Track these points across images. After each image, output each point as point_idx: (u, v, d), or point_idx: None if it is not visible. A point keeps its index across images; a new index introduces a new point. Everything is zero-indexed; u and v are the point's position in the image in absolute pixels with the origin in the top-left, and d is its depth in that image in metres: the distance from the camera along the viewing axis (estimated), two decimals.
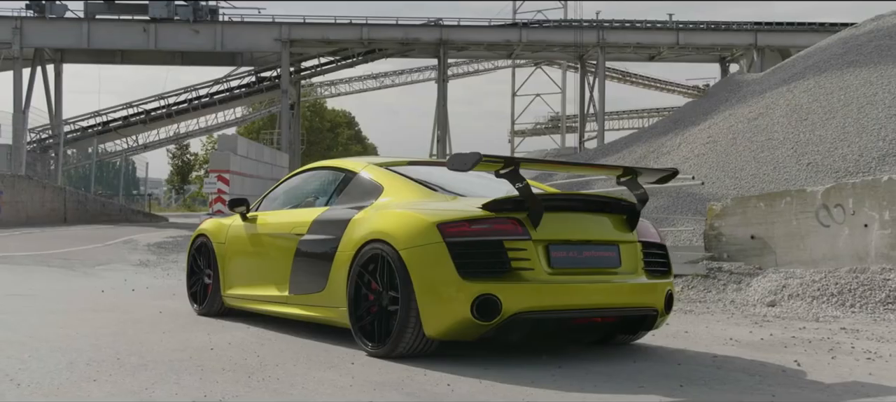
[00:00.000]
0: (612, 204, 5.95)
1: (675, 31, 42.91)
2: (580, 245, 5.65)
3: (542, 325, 5.48)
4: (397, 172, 6.46)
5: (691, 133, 25.55)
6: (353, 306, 5.79)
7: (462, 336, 5.40)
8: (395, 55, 43.38)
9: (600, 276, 5.67)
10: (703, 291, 10.45)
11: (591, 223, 5.80)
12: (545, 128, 66.07)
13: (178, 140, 50.38)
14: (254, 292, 7.09)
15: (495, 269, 5.29)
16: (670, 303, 6.08)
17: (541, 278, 5.36)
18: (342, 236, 6.03)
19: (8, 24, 39.69)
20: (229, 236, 7.55)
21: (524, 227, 5.41)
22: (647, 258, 5.97)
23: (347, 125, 77.78)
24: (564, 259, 5.54)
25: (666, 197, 20.95)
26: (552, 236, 5.50)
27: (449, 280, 5.25)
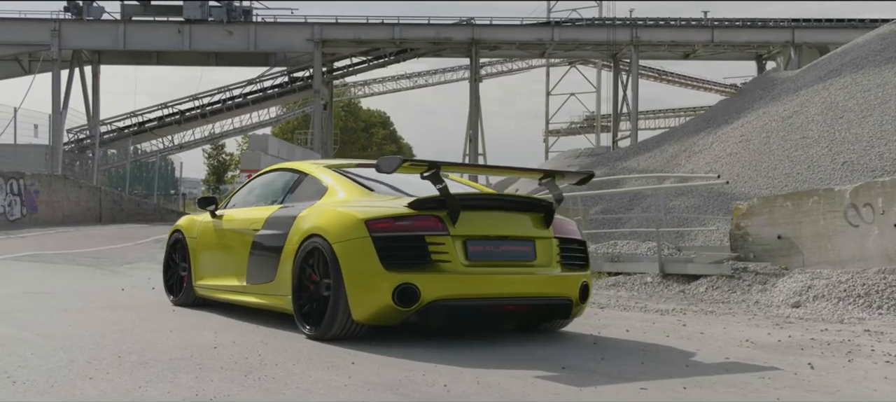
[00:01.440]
0: (529, 203, 6.52)
1: (710, 29, 42.43)
2: (497, 240, 6.18)
3: (458, 312, 5.98)
4: (344, 174, 7.07)
5: (724, 132, 25.24)
6: (296, 294, 6.42)
7: (386, 321, 5.98)
8: (427, 55, 43.36)
9: (515, 268, 6.22)
10: (728, 292, 10.26)
11: (508, 221, 6.34)
12: (580, 127, 65.65)
13: (213, 140, 50.76)
14: (219, 283, 7.74)
15: (416, 261, 5.86)
16: (585, 294, 6.57)
17: (458, 269, 5.92)
18: (289, 231, 6.62)
19: (46, 27, 40.28)
20: (199, 231, 8.20)
21: (444, 223, 5.97)
22: (564, 253, 6.49)
23: (382, 125, 77.90)
24: (481, 253, 6.07)
25: (697, 197, 20.68)
26: (470, 231, 6.05)
27: (373, 271, 5.83)
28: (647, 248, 13.44)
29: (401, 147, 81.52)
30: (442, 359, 5.48)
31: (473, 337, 6.56)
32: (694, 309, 9.06)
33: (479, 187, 7.69)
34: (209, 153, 65.50)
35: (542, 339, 6.57)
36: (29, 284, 10.62)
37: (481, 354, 5.75)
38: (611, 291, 11.18)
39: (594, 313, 8.63)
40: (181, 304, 8.37)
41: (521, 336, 6.75)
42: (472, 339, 6.46)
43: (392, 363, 5.36)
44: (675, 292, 10.67)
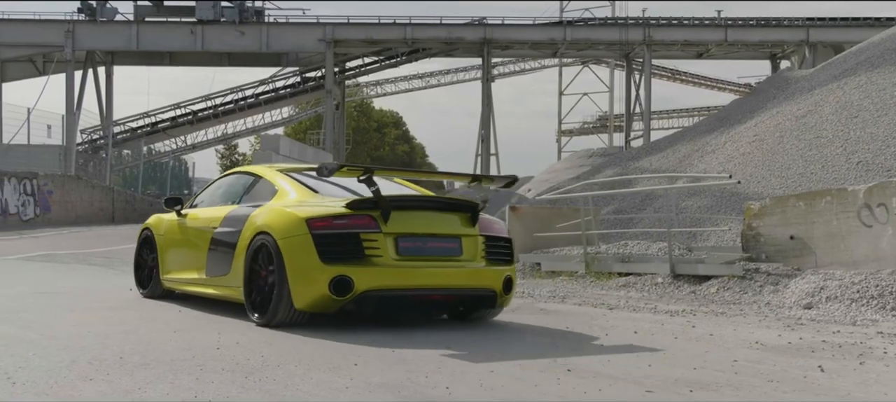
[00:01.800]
0: (456, 204, 7.20)
1: (724, 28, 42.20)
2: (425, 237, 6.82)
3: (389, 301, 6.66)
4: (293, 178, 7.67)
5: (737, 131, 25.06)
6: (247, 285, 7.06)
7: (324, 309, 6.62)
8: (439, 55, 43.31)
9: (442, 262, 6.86)
10: (739, 293, 10.16)
11: (436, 220, 7.00)
12: (593, 127, 65.43)
13: (225, 140, 50.87)
14: (183, 276, 8.37)
15: (351, 255, 6.50)
16: (509, 286, 7.24)
17: (388, 263, 6.56)
18: (242, 228, 7.24)
19: (60, 28, 40.44)
20: (166, 229, 8.85)
21: (377, 222, 6.61)
22: (489, 249, 7.11)
23: (394, 125, 77.87)
24: (410, 248, 6.70)
25: (709, 197, 20.56)
26: (400, 229, 6.68)
27: (312, 264, 6.48)
28: (657, 248, 13.35)
29: (413, 147, 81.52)
30: (446, 360, 5.43)
31: (478, 338, 6.51)
32: (704, 310, 8.97)
33: (420, 190, 8.31)
34: (222, 153, 65.71)
35: (547, 339, 6.51)
36: (38, 284, 10.63)
37: (486, 355, 5.69)
38: (621, 292, 11.09)
39: (603, 314, 8.56)
40: (150, 296, 8.99)
41: (527, 336, 6.69)
42: (477, 339, 6.40)
43: (396, 363, 5.31)
44: (686, 293, 10.58)
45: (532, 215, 15.43)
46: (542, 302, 9.70)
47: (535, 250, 14.46)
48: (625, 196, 21.99)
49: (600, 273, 12.37)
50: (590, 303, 9.60)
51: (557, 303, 9.64)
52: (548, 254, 14.11)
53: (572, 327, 7.41)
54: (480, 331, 6.96)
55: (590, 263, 12.68)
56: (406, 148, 77.19)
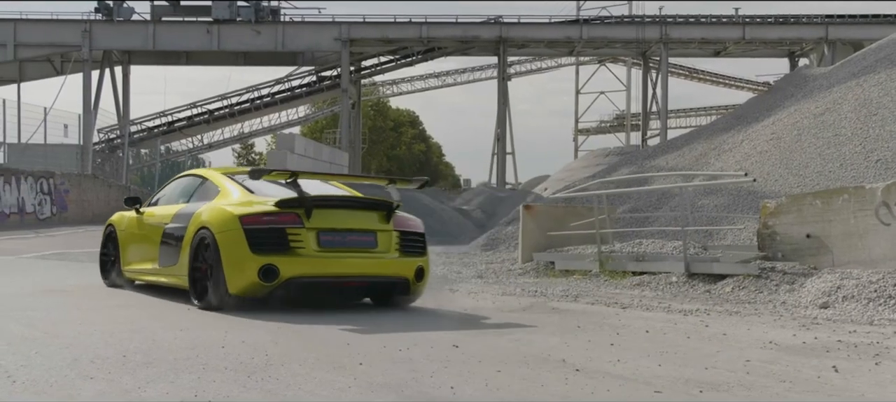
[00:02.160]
0: (373, 203, 8.17)
1: (742, 26, 41.88)
2: (344, 232, 7.77)
3: (311, 287, 7.60)
4: (235, 180, 8.57)
5: (754, 129, 24.85)
6: (190, 273, 7.93)
7: (254, 294, 7.51)
8: (455, 53, 43.20)
9: (359, 253, 7.79)
10: (754, 292, 10.02)
11: (354, 217, 7.96)
12: (610, 126, 65.18)
13: (242, 140, 50.98)
14: (139, 267, 9.27)
15: (277, 247, 7.40)
16: (421, 275, 8.17)
17: (311, 254, 7.48)
18: (188, 224, 8.10)
19: (77, 28, 40.61)
20: (126, 225, 9.75)
21: (300, 219, 7.52)
22: (403, 242, 8.08)
23: (411, 124, 77.76)
24: (330, 241, 7.62)
25: (726, 196, 20.39)
26: (321, 225, 7.62)
27: (244, 255, 7.38)
28: (672, 247, 13.22)
29: (430, 146, 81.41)
30: (454, 360, 5.35)
31: (489, 338, 6.42)
32: (718, 310, 8.85)
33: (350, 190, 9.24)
34: (239, 153, 65.83)
35: (557, 339, 6.41)
36: (49, 281, 10.62)
37: (495, 355, 5.61)
38: (635, 291, 10.96)
39: (615, 313, 8.45)
40: (112, 285, 9.90)
41: (537, 336, 6.60)
42: (487, 339, 6.32)
43: (402, 363, 5.23)
44: (701, 293, 10.45)
45: (546, 214, 15.32)
46: (554, 301, 9.60)
47: (549, 249, 14.36)
48: (640, 195, 21.84)
49: (614, 272, 12.26)
50: (603, 302, 9.49)
51: (570, 302, 9.54)
52: (561, 253, 14.01)
53: (583, 326, 7.31)
54: (491, 331, 6.88)
55: (604, 262, 12.56)
56: (422, 147, 77.08)
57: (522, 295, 10.25)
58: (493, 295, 10.18)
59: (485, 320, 7.59)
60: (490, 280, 12.61)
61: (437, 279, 12.29)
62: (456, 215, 32.29)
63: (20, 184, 26.19)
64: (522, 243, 14.87)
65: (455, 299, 9.68)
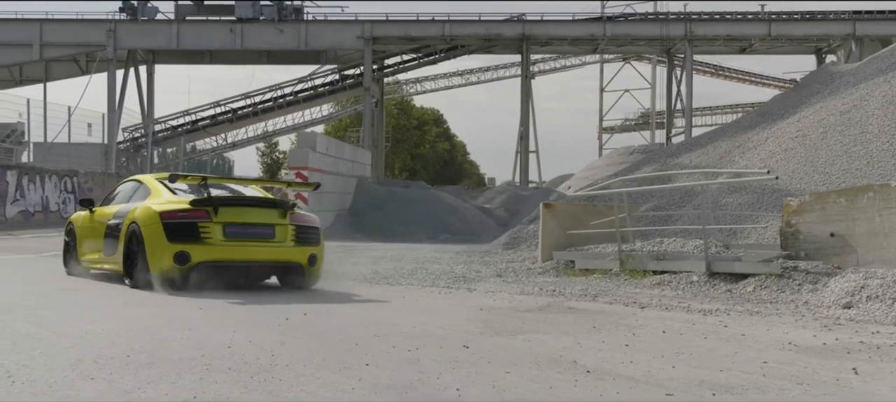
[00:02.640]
0: (273, 202, 10.05)
1: (767, 23, 41.39)
2: (246, 225, 9.40)
3: (218, 270, 9.14)
4: (164, 184, 10.17)
5: (779, 127, 24.54)
6: (124, 260, 9.66)
7: (171, 274, 9.03)
8: (478, 52, 43.02)
9: (258, 243, 9.42)
10: (776, 291, 9.84)
11: (256, 213, 9.62)
12: (634, 124, 64.73)
13: (266, 138, 51.07)
14: (91, 257, 10.88)
15: (189, 237, 9.06)
16: (314, 261, 9.72)
17: (217, 243, 9.12)
18: (124, 220, 9.79)
19: (102, 28, 40.82)
20: (82, 222, 11.38)
21: (209, 214, 9.16)
22: (298, 234, 9.65)
23: (435, 123, 77.65)
24: (235, 233, 9.26)
25: (751, 194, 20.14)
26: (227, 219, 9.23)
27: (162, 244, 9.04)
28: (693, 246, 13.04)
29: (454, 145, 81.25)
30: (463, 361, 5.24)
31: (502, 339, 6.31)
32: (739, 310, 8.68)
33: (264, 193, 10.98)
34: (263, 151, 66.01)
35: (570, 339, 6.29)
36: (66, 281, 10.63)
37: (505, 355, 5.50)
38: (655, 290, 10.80)
39: (633, 313, 8.31)
40: (71, 273, 11.38)
41: (550, 336, 6.47)
42: (497, 340, 6.21)
43: (409, 364, 5.14)
44: (722, 292, 10.27)
45: (566, 213, 15.17)
46: (572, 301, 9.47)
47: (570, 248, 14.20)
48: (664, 193, 21.63)
49: (635, 271, 12.09)
50: (621, 302, 9.35)
51: (588, 301, 9.40)
52: (581, 252, 13.85)
53: (599, 326, 7.18)
54: (503, 331, 6.76)
55: (624, 260, 12.40)
56: (447, 146, 76.93)
57: (540, 294, 10.12)
58: (511, 294, 10.06)
59: (498, 320, 7.47)
60: (509, 279, 12.49)
61: (454, 278, 12.20)
62: (478, 213, 32.17)
63: (44, 183, 26.37)
64: (542, 242, 14.74)
65: (471, 298, 9.57)
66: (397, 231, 27.08)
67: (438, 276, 12.60)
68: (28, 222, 24.64)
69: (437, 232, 27.53)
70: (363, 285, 11.17)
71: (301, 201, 25.47)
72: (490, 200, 37.37)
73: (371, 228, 28.16)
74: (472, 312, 8.10)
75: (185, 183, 9.97)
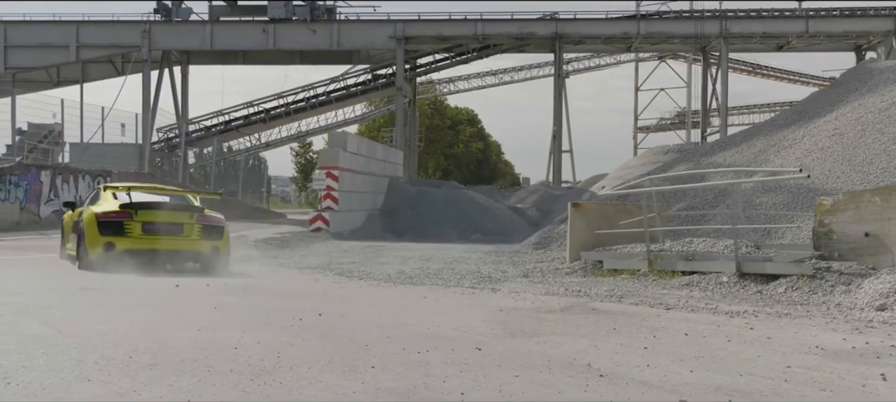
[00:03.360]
0: (184, 206, 12.77)
1: (805, 19, 40.67)
2: (161, 224, 11.90)
3: (136, 256, 11.70)
4: (109, 190, 13.07)
5: (816, 125, 24.06)
6: (77, 248, 12.40)
7: (103, 258, 11.70)
8: (510, 51, 42.75)
9: (170, 237, 11.91)
10: (808, 293, 9.56)
11: (169, 215, 12.11)
12: (670, 124, 64.04)
13: (299, 138, 51.18)
14: (67, 247, 13.64)
15: (116, 232, 11.76)
16: (216, 251, 12.23)
17: (137, 236, 11.81)
18: (80, 218, 12.45)
19: (137, 29, 41.15)
20: (66, 220, 14.12)
21: (131, 215, 11.84)
22: (204, 231, 12.18)
23: (469, 123, 77.46)
24: (151, 228, 11.86)
25: (785, 193, 19.75)
26: (145, 219, 11.87)
27: (96, 236, 11.74)
28: (723, 246, 12.75)
29: (488, 145, 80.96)
30: (473, 364, 5.08)
31: (517, 337, 6.14)
32: (768, 312, 8.42)
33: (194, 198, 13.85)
34: (297, 151, 66.21)
35: (587, 341, 6.10)
36: (88, 280, 10.60)
37: (517, 358, 5.33)
38: (683, 291, 10.55)
39: (657, 315, 8.09)
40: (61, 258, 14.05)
41: (566, 339, 6.29)
42: (514, 339, 6.04)
43: (417, 367, 4.99)
44: (752, 293, 10.01)
45: (595, 212, 14.93)
46: (596, 301, 9.27)
47: (598, 248, 13.97)
48: (697, 192, 21.28)
49: (663, 272, 11.85)
50: (647, 303, 9.13)
51: (613, 302, 9.19)
52: (610, 252, 13.62)
53: (620, 328, 6.99)
54: (519, 333, 6.58)
55: (652, 261, 12.16)
56: (480, 146, 76.66)
57: (565, 295, 9.93)
58: (534, 295, 9.88)
59: (517, 321, 7.30)
60: (535, 279, 12.30)
61: (480, 279, 12.04)
62: (510, 213, 31.95)
63: (78, 182, 26.56)
64: (570, 242, 14.52)
65: (493, 299, 9.41)
66: (429, 231, 26.96)
67: (464, 276, 12.45)
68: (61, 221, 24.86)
69: (469, 232, 27.37)
70: (386, 285, 11.06)
71: (331, 200, 25.46)
72: (522, 199, 37.13)
73: (403, 228, 28.06)
74: (491, 313, 7.94)
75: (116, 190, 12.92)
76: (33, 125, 38.07)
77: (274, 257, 16.61)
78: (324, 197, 25.50)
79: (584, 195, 29.71)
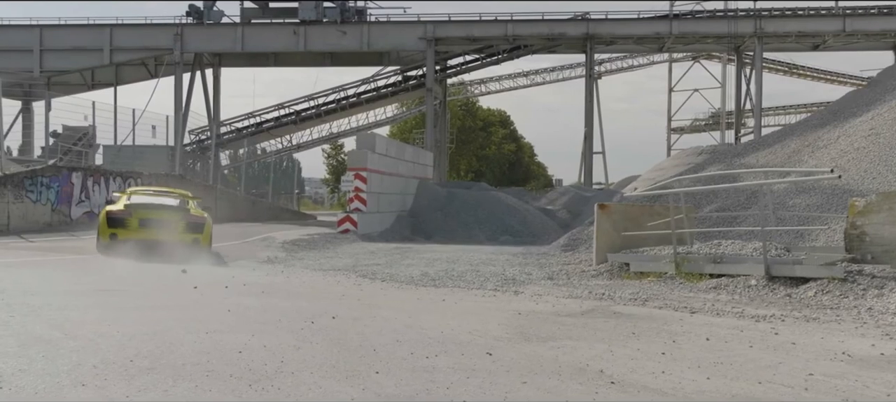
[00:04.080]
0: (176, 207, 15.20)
1: (842, 18, 39.99)
2: (155, 220, 14.36)
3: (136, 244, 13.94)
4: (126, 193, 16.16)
5: (852, 125, 23.60)
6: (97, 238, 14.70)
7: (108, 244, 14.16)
8: (541, 52, 42.48)
9: (163, 229, 14.15)
10: (839, 296, 9.29)
11: (161, 212, 14.66)
12: (704, 124, 63.38)
13: (329, 140, 51.21)
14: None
15: (119, 225, 14.30)
16: (196, 242, 14.55)
17: (134, 229, 14.25)
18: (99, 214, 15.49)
19: (170, 32, 41.45)
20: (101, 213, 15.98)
21: (132, 213, 14.35)
22: (187, 225, 14.59)
23: (501, 124, 77.18)
24: (146, 223, 14.26)
25: (819, 194, 19.35)
26: (142, 216, 14.34)
27: (105, 228, 14.32)
28: (752, 248, 12.47)
29: (521, 146, 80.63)
30: (480, 369, 4.92)
31: (531, 341, 5.97)
32: (796, 316, 8.17)
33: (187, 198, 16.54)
34: (328, 153, 66.25)
35: (603, 346, 5.91)
36: (108, 281, 10.56)
37: (527, 363, 5.15)
38: (709, 294, 10.30)
39: (680, 319, 7.88)
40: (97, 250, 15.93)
41: (582, 343, 6.10)
42: (528, 344, 5.87)
43: (422, 372, 4.84)
44: (781, 297, 9.75)
45: (622, 214, 14.69)
46: (619, 305, 9.06)
47: (625, 250, 13.72)
48: (728, 194, 20.94)
49: (691, 274, 11.60)
50: (672, 306, 8.91)
51: (637, 306, 8.98)
52: (636, 254, 13.37)
53: (639, 332, 6.78)
54: (534, 337, 6.41)
55: (679, 263, 11.91)
56: (513, 147, 76.33)
57: (588, 298, 9.73)
58: (557, 298, 9.69)
59: (534, 325, 7.13)
60: (559, 282, 12.10)
61: (503, 281, 11.87)
62: (539, 215, 31.71)
63: (108, 184, 26.69)
64: (597, 244, 14.30)
65: (514, 302, 9.23)
66: (458, 233, 26.81)
67: (487, 278, 12.29)
68: (92, 222, 24.95)
69: (498, 234, 27.19)
70: (408, 287, 10.92)
71: (360, 202, 25.39)
72: (552, 201, 36.87)
73: (431, 229, 27.94)
74: (509, 316, 7.77)
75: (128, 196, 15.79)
76: (68, 128, 38.39)
77: (299, 259, 16.54)
78: (352, 198, 25.43)
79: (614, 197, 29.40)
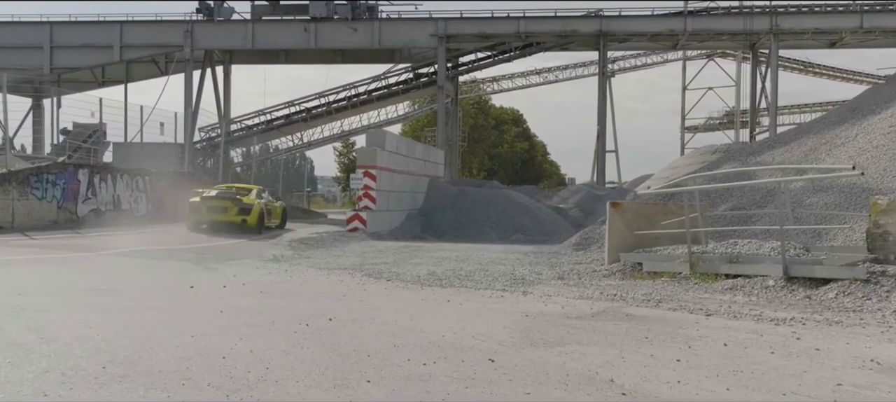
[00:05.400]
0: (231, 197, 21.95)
1: (859, 14, 39.41)
2: (217, 207, 21.50)
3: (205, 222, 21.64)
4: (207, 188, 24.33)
5: (870, 123, 23.12)
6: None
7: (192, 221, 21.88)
8: (553, 49, 42.04)
9: (222, 213, 21.47)
10: (861, 298, 8.87)
11: (220, 202, 21.55)
12: (718, 123, 62.81)
13: (341, 138, 50.93)
14: None
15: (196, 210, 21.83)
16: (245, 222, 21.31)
17: (205, 212, 21.57)
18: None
19: (180, 29, 41.23)
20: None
21: (203, 200, 21.75)
22: (239, 210, 21.44)
23: (514, 122, 76.76)
24: (211, 209, 21.50)
25: (837, 193, 18.91)
26: (209, 204, 21.54)
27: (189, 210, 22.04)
28: (769, 248, 12.06)
29: (534, 145, 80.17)
30: (481, 379, 4.56)
31: (537, 346, 5.60)
32: (817, 319, 7.78)
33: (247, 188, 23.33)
34: (340, 151, 65.96)
35: (615, 352, 5.54)
36: (107, 280, 10.26)
37: (533, 372, 4.79)
38: (725, 296, 9.90)
39: (695, 321, 7.49)
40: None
41: (593, 348, 5.73)
42: (534, 349, 5.50)
43: (418, 381, 4.49)
44: (800, 298, 9.34)
45: (635, 212, 14.29)
46: (631, 306, 8.68)
47: (638, 249, 13.33)
48: (743, 192, 20.52)
49: (706, 275, 11.21)
50: (686, 308, 8.52)
51: (650, 308, 8.60)
52: (650, 253, 12.98)
53: (652, 336, 6.41)
54: (541, 342, 6.05)
55: (694, 263, 11.51)
56: (525, 146, 75.88)
57: (599, 299, 9.35)
58: (567, 299, 9.31)
59: (541, 328, 6.76)
60: (570, 282, 11.72)
61: (512, 281, 11.51)
62: (551, 213, 31.31)
63: (115, 181, 26.46)
64: (609, 243, 13.91)
65: (522, 303, 8.86)
66: (469, 231, 26.46)
67: (496, 278, 11.93)
68: (99, 219, 24.71)
69: (509, 232, 26.81)
70: (413, 287, 10.57)
71: (369, 200, 25.08)
72: (565, 200, 36.45)
73: (442, 227, 27.59)
74: (515, 318, 7.40)
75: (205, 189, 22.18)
76: (78, 125, 38.24)
77: (305, 258, 16.23)
78: (361, 196, 25.11)
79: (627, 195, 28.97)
